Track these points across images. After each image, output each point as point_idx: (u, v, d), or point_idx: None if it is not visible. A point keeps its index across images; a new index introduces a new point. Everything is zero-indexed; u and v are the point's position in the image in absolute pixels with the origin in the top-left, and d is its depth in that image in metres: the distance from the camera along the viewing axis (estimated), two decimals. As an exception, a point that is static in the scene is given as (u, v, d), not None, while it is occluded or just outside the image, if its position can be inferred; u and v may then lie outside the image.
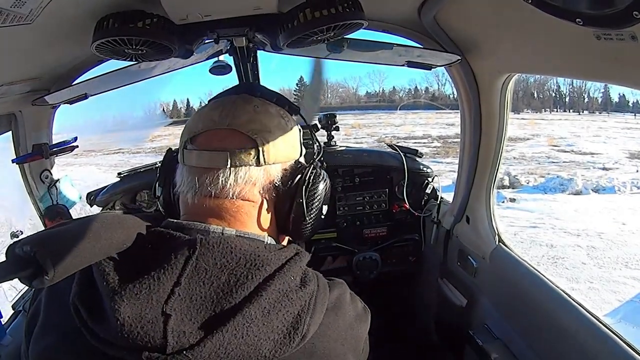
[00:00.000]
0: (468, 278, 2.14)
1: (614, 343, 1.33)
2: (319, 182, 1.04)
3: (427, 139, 26.50)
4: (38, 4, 0.98)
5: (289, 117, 1.05)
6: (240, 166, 0.92)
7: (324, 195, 1.06)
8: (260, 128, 0.95)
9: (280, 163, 0.99)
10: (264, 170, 0.95)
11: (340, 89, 76.54)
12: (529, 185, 12.89)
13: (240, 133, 0.94)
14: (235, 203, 0.93)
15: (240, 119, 0.95)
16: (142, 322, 0.74)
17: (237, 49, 1.92)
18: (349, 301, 0.99)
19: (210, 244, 0.82)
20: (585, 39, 1.00)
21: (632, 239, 7.68)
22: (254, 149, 0.93)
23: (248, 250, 0.84)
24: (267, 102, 1.03)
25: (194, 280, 0.79)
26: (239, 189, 0.92)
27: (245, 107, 0.98)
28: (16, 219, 8.57)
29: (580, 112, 53.07)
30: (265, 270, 0.83)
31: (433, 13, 1.51)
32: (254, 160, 0.93)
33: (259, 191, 0.95)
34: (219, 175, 0.91)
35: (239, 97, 1.03)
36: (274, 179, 0.98)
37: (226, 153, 0.91)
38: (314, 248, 2.62)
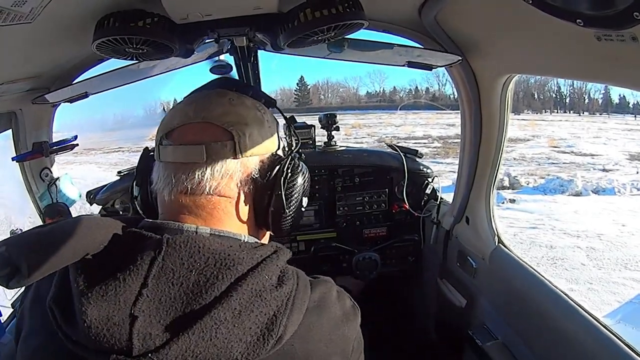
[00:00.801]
0: (467, 278, 2.14)
1: (613, 344, 1.33)
2: (297, 174, 1.02)
3: (427, 139, 26.49)
4: (39, 3, 0.98)
5: (265, 109, 1.03)
6: (216, 159, 0.90)
7: (303, 187, 1.04)
8: (236, 120, 0.93)
9: (257, 155, 0.96)
10: (241, 162, 0.93)
11: (340, 89, 76.63)
12: (528, 186, 12.89)
13: (216, 126, 0.92)
14: (211, 200, 0.91)
15: (215, 111, 0.94)
16: (108, 324, 0.73)
17: (237, 49, 1.92)
18: (335, 300, 0.96)
19: (177, 244, 0.80)
20: (586, 40, 1.00)
21: (631, 240, 7.69)
22: (230, 141, 0.91)
23: (218, 249, 0.82)
24: (243, 95, 1.01)
25: (162, 281, 0.77)
26: (216, 183, 0.90)
27: (220, 100, 0.97)
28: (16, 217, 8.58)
29: (581, 113, 53.01)
30: (237, 270, 0.81)
31: (434, 13, 1.51)
32: (230, 153, 0.91)
33: (236, 184, 0.93)
34: (195, 169, 0.90)
35: (214, 91, 1.02)
36: (252, 172, 0.96)
37: (202, 146, 0.89)
38: (313, 248, 2.62)
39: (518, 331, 1.75)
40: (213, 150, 0.90)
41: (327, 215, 2.66)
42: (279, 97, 70.07)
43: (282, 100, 69.32)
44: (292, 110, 56.14)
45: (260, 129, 0.97)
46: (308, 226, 2.65)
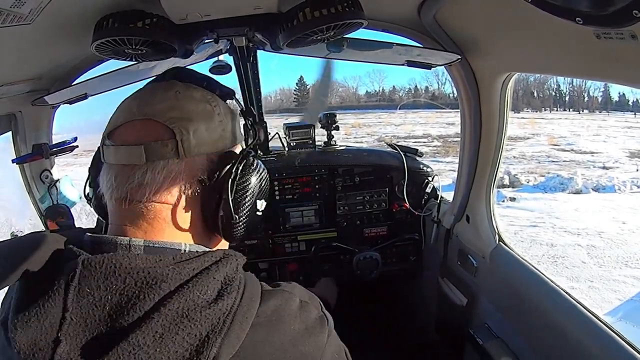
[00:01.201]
0: (468, 277, 2.14)
1: (614, 342, 1.33)
2: (250, 175, 0.93)
3: (427, 138, 26.49)
4: (38, 4, 0.98)
5: (217, 102, 0.94)
6: (157, 161, 0.83)
7: (257, 190, 0.95)
8: (179, 116, 0.85)
9: (204, 154, 0.88)
10: (186, 163, 0.85)
11: (340, 89, 76.41)
12: (529, 184, 12.89)
13: (157, 123, 0.84)
14: (151, 208, 0.84)
15: (158, 107, 0.86)
16: (34, 348, 0.71)
17: (237, 49, 1.92)
18: (295, 312, 0.87)
19: (93, 266, 0.74)
20: (585, 38, 1.00)
21: (632, 238, 7.70)
22: (172, 140, 0.83)
23: (139, 267, 0.75)
24: (193, 87, 0.93)
25: (83, 304, 0.73)
26: (157, 187, 0.83)
27: (165, 94, 0.89)
28: (16, 220, 8.59)
29: (580, 111, 52.98)
30: (161, 289, 0.74)
31: (433, 12, 1.51)
32: (172, 153, 0.83)
33: (180, 188, 0.86)
34: (135, 172, 0.82)
35: (161, 83, 0.95)
36: (198, 173, 0.88)
37: (141, 147, 0.82)
38: (314, 247, 2.62)
39: (519, 329, 1.75)
40: (153, 150, 0.82)
41: (327, 214, 2.66)
42: (278, 97, 70.14)
43: (281, 100, 69.35)
44: (291, 110, 56.13)
45: (208, 125, 0.89)
46: (308, 226, 2.65)
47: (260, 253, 2.67)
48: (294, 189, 2.63)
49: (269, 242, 2.66)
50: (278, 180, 2.61)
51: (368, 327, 2.81)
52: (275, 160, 2.59)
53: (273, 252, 2.68)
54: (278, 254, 2.69)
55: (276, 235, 2.66)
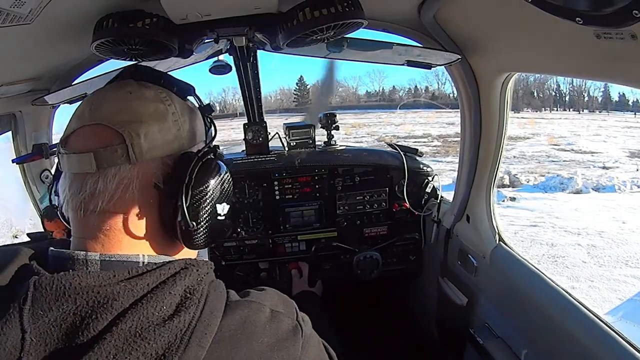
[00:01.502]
0: (468, 277, 2.14)
1: (615, 341, 1.33)
2: (207, 178, 0.87)
3: (427, 138, 26.47)
4: (38, 4, 0.98)
5: (173, 100, 0.88)
6: (108, 168, 0.78)
7: (216, 194, 0.89)
8: (129, 118, 0.80)
9: (158, 158, 0.83)
10: (138, 168, 0.80)
11: (340, 88, 76.45)
12: (529, 184, 12.89)
13: (106, 127, 0.79)
14: (106, 219, 0.80)
15: (107, 109, 0.81)
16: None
17: (236, 49, 1.93)
18: (264, 324, 0.83)
19: (43, 287, 0.71)
20: (585, 38, 1.00)
21: (632, 237, 7.70)
22: (122, 145, 0.79)
23: (89, 286, 0.72)
24: (146, 86, 0.87)
25: (41, 324, 0.70)
26: (109, 195, 0.79)
27: (117, 94, 0.84)
28: (17, 219, 8.58)
29: (580, 111, 52.98)
30: (114, 307, 0.71)
31: (433, 12, 1.51)
32: (123, 159, 0.79)
33: (134, 195, 0.81)
34: (87, 181, 0.79)
35: (114, 84, 0.89)
36: (152, 178, 0.83)
37: (90, 154, 0.78)
38: (314, 247, 2.62)
39: (519, 329, 1.75)
40: (103, 157, 0.78)
41: (327, 214, 2.66)
42: (278, 97, 70.12)
43: (281, 100, 69.35)
44: (291, 109, 56.10)
45: (161, 125, 0.83)
46: (309, 225, 2.65)
47: (260, 253, 2.67)
48: (294, 189, 2.63)
49: (269, 242, 2.67)
50: (278, 180, 2.61)
51: (368, 327, 2.81)
52: (275, 160, 2.59)
53: (273, 252, 2.69)
54: (278, 254, 2.69)
55: (276, 235, 2.66)
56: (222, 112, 64.72)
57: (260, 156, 2.60)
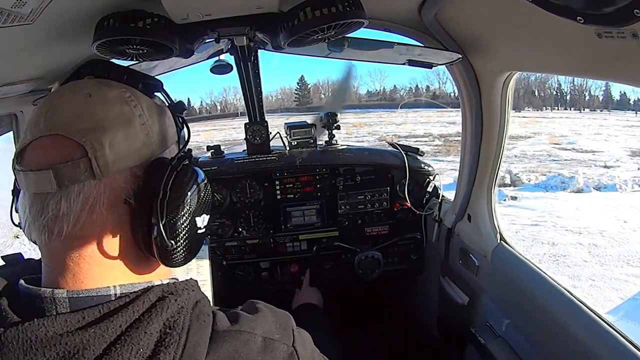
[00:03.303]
0: (470, 276, 2.14)
1: (616, 340, 1.33)
2: (185, 189, 0.77)
3: (428, 137, 26.46)
4: (39, 4, 0.98)
5: (139, 99, 0.78)
6: (70, 186, 0.69)
7: (193, 206, 0.80)
8: (91, 126, 0.70)
9: (127, 169, 0.74)
10: (104, 183, 0.71)
11: (341, 88, 76.29)
12: (530, 183, 12.88)
13: (65, 138, 0.69)
14: (74, 244, 0.72)
15: (65, 117, 0.71)
16: None
17: (237, 48, 1.93)
18: (257, 355, 0.77)
19: (10, 341, 0.64)
20: (586, 37, 1.00)
21: (633, 236, 7.69)
22: (84, 158, 0.69)
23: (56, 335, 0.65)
24: (107, 85, 0.78)
25: None
26: (75, 217, 0.69)
27: (74, 98, 0.74)
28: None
29: (582, 110, 52.94)
30: (85, 357, 0.65)
31: (434, 11, 1.51)
32: (87, 174, 0.69)
33: (103, 214, 0.71)
34: (49, 202, 0.69)
35: (72, 85, 0.79)
36: (121, 193, 0.73)
37: (49, 172, 0.68)
38: (315, 247, 2.62)
39: (521, 328, 1.75)
40: (64, 174, 0.68)
41: (328, 214, 2.66)
42: (279, 96, 70.13)
43: (282, 99, 69.36)
44: (292, 109, 56.12)
45: (127, 131, 0.74)
46: (310, 225, 2.65)
47: (261, 252, 2.67)
48: (295, 189, 2.63)
49: (271, 242, 2.67)
50: (279, 179, 2.61)
51: (369, 326, 2.81)
52: (276, 159, 2.59)
53: (274, 252, 2.69)
54: (279, 254, 2.70)
55: (277, 235, 2.67)
56: (223, 111, 64.85)
57: (261, 156, 2.60)
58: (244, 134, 2.64)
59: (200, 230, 0.83)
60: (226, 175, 2.58)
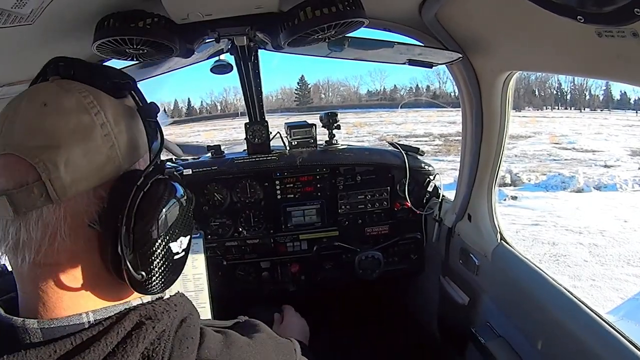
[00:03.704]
0: (470, 276, 2.14)
1: (616, 340, 1.32)
2: (155, 212, 0.67)
3: (428, 137, 26.43)
4: (39, 5, 0.98)
5: (103, 105, 0.68)
6: (27, 212, 0.62)
7: (171, 228, 0.70)
8: (44, 143, 0.62)
9: (89, 189, 0.65)
10: (64, 208, 0.63)
11: (341, 88, 76.35)
12: (530, 183, 12.87)
13: (20, 159, 0.62)
14: (38, 273, 0.66)
15: (18, 132, 0.64)
16: None
17: (238, 48, 1.93)
18: None
19: None
20: (587, 36, 1.00)
21: (634, 236, 7.68)
22: (38, 182, 0.61)
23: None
24: (67, 89, 0.68)
25: None
26: (36, 246, 0.63)
27: (30, 108, 0.65)
28: None
29: (582, 109, 52.84)
30: None
31: (434, 11, 1.51)
32: (43, 199, 0.62)
33: (65, 242, 0.64)
34: (8, 229, 0.63)
35: (30, 91, 0.70)
36: (84, 217, 0.65)
37: (3, 198, 0.61)
38: (316, 247, 2.62)
39: (521, 328, 1.75)
40: (19, 200, 0.61)
41: (329, 214, 2.66)
42: (279, 96, 70.09)
43: (283, 99, 69.34)
44: (293, 109, 56.10)
45: (86, 146, 0.65)
46: (310, 225, 2.65)
47: (261, 252, 2.67)
48: (296, 188, 2.63)
49: (271, 242, 2.67)
50: (280, 179, 2.61)
51: (370, 326, 2.81)
52: (276, 159, 2.59)
53: (275, 252, 2.69)
54: (280, 254, 2.70)
55: (278, 235, 2.67)
56: (224, 111, 64.80)
57: (261, 156, 2.60)
58: (244, 134, 2.64)
59: (178, 255, 0.73)
60: (226, 175, 2.58)
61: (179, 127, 40.89)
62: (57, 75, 0.72)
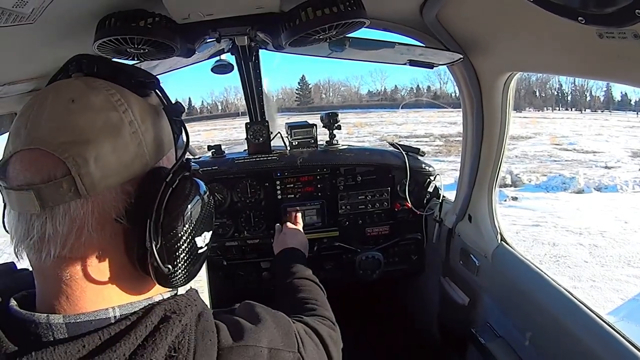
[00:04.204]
0: (470, 276, 2.14)
1: (617, 341, 1.33)
2: (183, 208, 0.70)
3: (429, 137, 26.40)
4: (40, 4, 0.98)
5: (130, 104, 0.69)
6: (55, 206, 0.62)
7: (196, 224, 0.73)
8: (72, 139, 0.62)
9: (117, 185, 0.66)
10: (92, 202, 0.64)
11: (342, 88, 76.49)
12: (531, 183, 12.85)
13: (47, 154, 0.62)
14: (63, 267, 0.65)
15: (45, 127, 0.63)
16: None
17: (239, 48, 1.93)
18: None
19: None
20: (588, 38, 1.00)
21: (634, 237, 7.67)
22: (67, 177, 0.61)
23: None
24: (94, 87, 0.68)
25: None
26: (62, 240, 0.63)
27: (56, 104, 0.65)
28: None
29: (583, 110, 52.87)
30: None
31: (435, 11, 1.51)
32: (72, 194, 0.62)
33: (92, 236, 0.65)
34: (34, 223, 0.63)
35: (55, 87, 0.70)
36: (112, 212, 0.66)
37: (30, 192, 0.61)
38: (316, 247, 2.62)
39: (521, 329, 1.75)
40: (46, 194, 0.61)
41: (329, 214, 2.66)
42: (280, 96, 70.14)
43: (283, 99, 69.39)
44: (293, 109, 56.13)
45: (115, 142, 0.65)
46: (310, 225, 2.65)
47: (262, 252, 2.67)
48: (296, 189, 2.63)
49: (271, 242, 2.67)
50: (280, 179, 2.61)
51: (370, 327, 2.81)
52: (277, 159, 2.59)
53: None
54: None
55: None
56: (224, 111, 64.89)
57: (262, 155, 2.60)
58: (245, 134, 2.64)
59: (202, 249, 0.76)
60: (227, 175, 2.58)
61: (179, 126, 40.81)
62: (80, 72, 0.73)
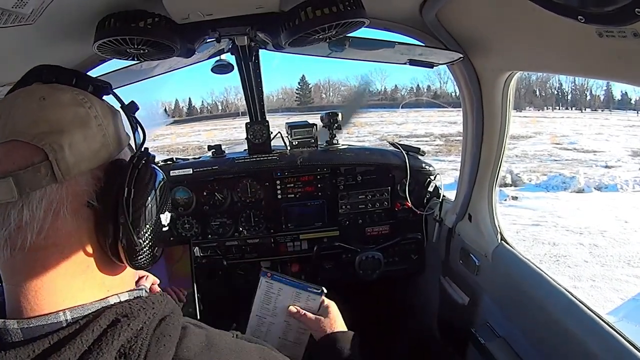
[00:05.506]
0: (470, 276, 2.14)
1: (616, 341, 1.32)
2: (148, 186, 0.76)
3: (429, 137, 26.41)
4: (40, 4, 0.98)
5: (92, 102, 0.75)
6: (32, 192, 0.66)
7: (160, 202, 0.79)
8: (48, 129, 0.68)
9: (87, 171, 0.71)
10: (67, 186, 0.68)
11: (342, 88, 76.47)
12: (531, 183, 12.86)
13: (24, 143, 0.67)
14: (38, 256, 0.68)
15: (21, 122, 0.68)
16: None
17: (238, 48, 1.93)
18: None
19: None
20: (587, 37, 1.00)
21: (634, 237, 7.66)
22: (45, 162, 0.66)
23: None
24: (59, 88, 0.75)
25: None
26: (39, 225, 0.66)
27: (28, 102, 0.71)
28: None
29: (583, 109, 52.84)
30: None
31: (435, 11, 1.51)
32: (48, 178, 0.66)
33: (67, 220, 0.69)
34: (10, 212, 0.65)
35: (23, 90, 0.76)
36: (84, 196, 0.70)
37: (8, 179, 0.65)
38: (316, 247, 2.62)
39: (521, 329, 1.75)
40: (25, 180, 0.65)
41: (329, 213, 2.66)
42: (280, 96, 70.12)
43: (283, 99, 69.36)
44: (294, 109, 56.13)
45: (85, 132, 0.71)
46: (310, 225, 2.65)
47: (262, 252, 2.67)
48: (296, 188, 2.63)
49: (271, 241, 2.67)
50: (280, 179, 2.61)
51: (370, 327, 2.81)
52: (277, 159, 2.59)
53: (275, 251, 2.69)
54: (280, 253, 2.70)
55: (278, 234, 2.67)
56: (225, 111, 64.90)
57: (262, 155, 2.61)
58: (245, 134, 2.64)
59: (165, 227, 0.82)
60: (227, 175, 2.58)
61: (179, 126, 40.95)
62: (39, 82, 0.77)
